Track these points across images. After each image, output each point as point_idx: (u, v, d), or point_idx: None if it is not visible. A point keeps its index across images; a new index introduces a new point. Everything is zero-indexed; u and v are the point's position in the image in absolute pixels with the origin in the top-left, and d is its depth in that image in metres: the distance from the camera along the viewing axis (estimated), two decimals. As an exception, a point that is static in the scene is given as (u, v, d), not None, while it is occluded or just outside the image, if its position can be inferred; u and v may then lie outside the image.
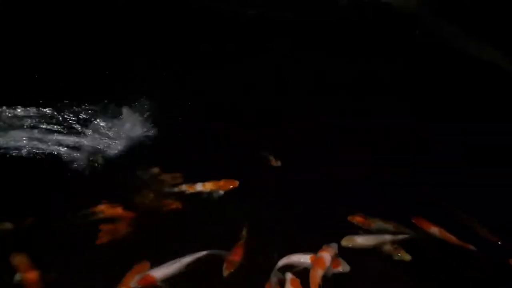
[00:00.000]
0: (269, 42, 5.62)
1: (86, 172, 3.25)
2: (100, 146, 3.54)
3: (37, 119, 3.72)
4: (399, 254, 2.74)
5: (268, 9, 6.33)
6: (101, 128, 3.72)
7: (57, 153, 3.41)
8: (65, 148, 3.46)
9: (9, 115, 3.73)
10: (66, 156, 3.38)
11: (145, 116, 3.89)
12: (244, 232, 2.77)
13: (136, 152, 3.52)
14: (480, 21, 5.59)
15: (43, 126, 3.66)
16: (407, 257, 2.73)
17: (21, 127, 3.61)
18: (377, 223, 2.93)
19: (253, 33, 5.76)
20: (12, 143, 3.42)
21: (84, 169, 3.29)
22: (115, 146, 3.56)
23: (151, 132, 3.75)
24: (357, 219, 2.96)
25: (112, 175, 3.24)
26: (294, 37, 5.88)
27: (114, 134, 3.68)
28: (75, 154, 3.40)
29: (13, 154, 3.34)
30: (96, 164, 3.33)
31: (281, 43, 5.64)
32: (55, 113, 3.78)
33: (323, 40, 5.94)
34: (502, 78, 5.29)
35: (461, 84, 5.15)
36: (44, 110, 3.78)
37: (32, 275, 2.37)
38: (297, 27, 6.20)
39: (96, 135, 3.65)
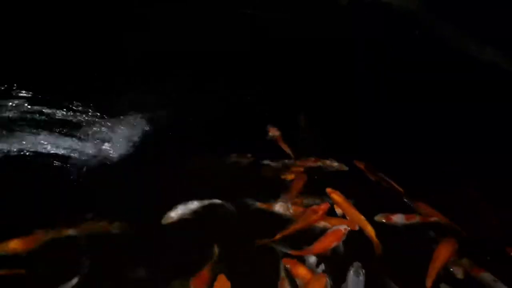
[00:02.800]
0: (269, 43, 5.62)
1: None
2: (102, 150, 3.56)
3: (41, 121, 3.72)
4: None
5: (267, 9, 6.31)
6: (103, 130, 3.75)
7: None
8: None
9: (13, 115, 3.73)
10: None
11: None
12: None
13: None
14: (480, 21, 5.57)
15: (48, 129, 3.66)
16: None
17: (25, 129, 3.61)
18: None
19: (252, 33, 5.75)
20: (17, 146, 3.43)
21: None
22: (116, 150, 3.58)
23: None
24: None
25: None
26: (294, 38, 5.87)
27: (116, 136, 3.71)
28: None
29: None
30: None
31: (281, 44, 5.64)
32: (61, 114, 3.80)
33: (323, 40, 5.92)
34: (502, 78, 5.27)
35: (461, 84, 5.13)
36: (51, 111, 3.80)
37: None
38: (297, 27, 6.19)
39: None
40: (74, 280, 2.48)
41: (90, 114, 3.85)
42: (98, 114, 3.87)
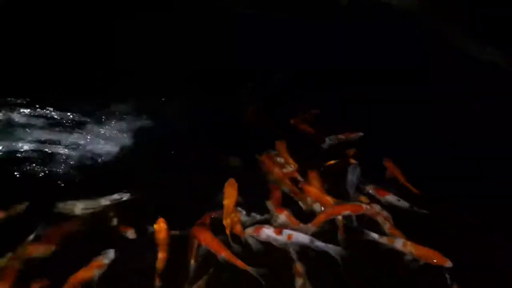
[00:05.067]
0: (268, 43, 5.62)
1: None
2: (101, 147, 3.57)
3: (41, 121, 3.74)
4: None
5: (266, 9, 6.32)
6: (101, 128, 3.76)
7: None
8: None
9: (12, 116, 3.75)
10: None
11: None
12: None
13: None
14: (480, 21, 5.57)
15: (49, 128, 3.69)
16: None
17: (25, 128, 3.64)
18: None
19: (251, 33, 5.76)
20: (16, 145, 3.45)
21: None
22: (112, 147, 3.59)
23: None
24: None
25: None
26: (294, 37, 5.87)
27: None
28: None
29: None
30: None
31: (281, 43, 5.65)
32: (61, 114, 3.82)
33: (323, 40, 5.93)
34: (502, 78, 5.27)
35: (460, 84, 5.13)
36: (49, 111, 3.81)
37: None
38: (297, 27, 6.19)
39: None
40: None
41: (89, 113, 3.87)
42: (98, 113, 3.89)
